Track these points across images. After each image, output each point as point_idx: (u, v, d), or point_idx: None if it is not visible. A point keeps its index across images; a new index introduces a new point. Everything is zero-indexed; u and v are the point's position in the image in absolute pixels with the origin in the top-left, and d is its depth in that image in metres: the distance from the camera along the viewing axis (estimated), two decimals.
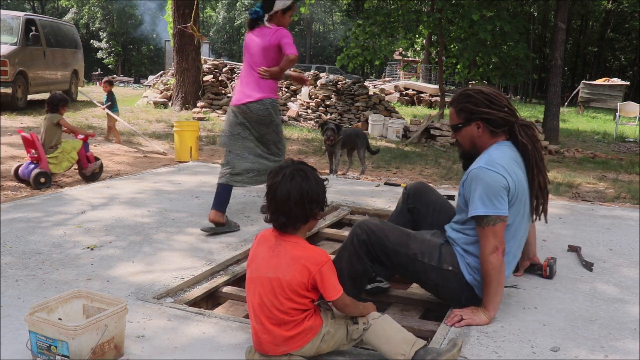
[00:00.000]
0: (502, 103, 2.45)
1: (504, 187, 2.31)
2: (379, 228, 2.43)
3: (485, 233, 2.29)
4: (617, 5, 33.04)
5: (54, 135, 5.64)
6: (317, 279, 1.91)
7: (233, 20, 46.13)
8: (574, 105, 23.55)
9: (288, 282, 1.91)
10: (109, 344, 1.97)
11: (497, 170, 2.31)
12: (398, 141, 11.25)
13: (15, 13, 12.77)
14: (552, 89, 12.09)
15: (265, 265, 1.96)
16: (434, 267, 2.41)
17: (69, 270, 2.86)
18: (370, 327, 2.03)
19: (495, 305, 2.38)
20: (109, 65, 41.46)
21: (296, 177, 1.93)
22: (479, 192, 2.30)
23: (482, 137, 2.46)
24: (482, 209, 2.29)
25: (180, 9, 12.94)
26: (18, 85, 11.22)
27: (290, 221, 1.95)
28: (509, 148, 2.44)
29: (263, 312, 1.95)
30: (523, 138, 2.43)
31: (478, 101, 2.43)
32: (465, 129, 2.47)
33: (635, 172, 8.69)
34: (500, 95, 2.48)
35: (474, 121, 2.44)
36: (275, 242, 1.99)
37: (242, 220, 3.93)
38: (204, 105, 13.04)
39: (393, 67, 29.16)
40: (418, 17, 12.92)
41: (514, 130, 2.45)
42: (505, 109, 2.44)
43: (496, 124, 2.43)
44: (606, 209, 4.84)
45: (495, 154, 2.39)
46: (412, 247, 2.42)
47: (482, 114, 2.42)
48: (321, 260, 1.93)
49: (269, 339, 1.96)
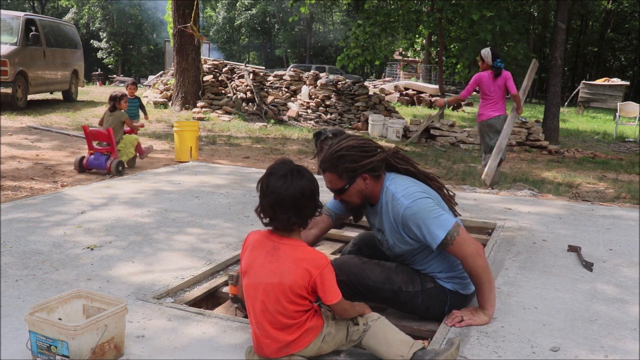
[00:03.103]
0: (372, 146, 2.41)
1: (432, 202, 2.33)
2: (359, 269, 2.45)
3: (456, 247, 2.28)
4: (617, 5, 33.04)
5: (119, 131, 6.47)
6: (317, 282, 1.89)
7: (233, 20, 46.13)
8: (574, 105, 23.54)
9: (290, 286, 1.89)
10: (109, 344, 1.97)
11: (418, 196, 2.32)
12: (398, 141, 11.25)
13: (15, 13, 12.76)
14: (552, 89, 12.09)
15: (266, 270, 1.93)
16: (418, 292, 2.43)
17: (69, 270, 2.86)
18: (368, 330, 2.04)
19: (492, 303, 2.40)
20: (109, 65, 41.46)
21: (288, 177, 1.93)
22: (427, 223, 2.28)
23: (370, 186, 2.40)
24: (441, 232, 2.26)
25: (180, 9, 12.94)
26: (18, 85, 11.21)
27: (287, 222, 1.92)
28: (398, 177, 2.44)
29: (266, 318, 1.93)
30: (401, 165, 2.47)
31: (355, 157, 2.34)
32: (352, 187, 2.37)
33: (635, 172, 8.69)
34: (366, 141, 2.44)
35: (358, 177, 2.36)
36: (273, 247, 1.95)
37: (242, 220, 3.93)
38: (204, 105, 13.04)
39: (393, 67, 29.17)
40: (418, 17, 12.93)
41: (391, 163, 2.46)
42: (378, 150, 2.41)
43: (378, 167, 2.40)
44: (606, 209, 4.84)
45: (399, 188, 2.37)
46: (395, 281, 2.44)
47: (365, 166, 2.34)
48: (322, 263, 1.91)
49: (272, 344, 1.95)
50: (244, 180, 5.40)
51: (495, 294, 2.42)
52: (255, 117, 13.02)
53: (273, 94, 14.06)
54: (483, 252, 2.32)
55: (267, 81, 14.38)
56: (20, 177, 5.89)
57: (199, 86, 13.39)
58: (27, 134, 8.79)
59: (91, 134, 6.29)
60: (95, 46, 41.19)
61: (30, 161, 6.79)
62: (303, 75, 14.33)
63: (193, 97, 13.22)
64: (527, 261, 3.24)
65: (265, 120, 12.76)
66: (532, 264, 3.19)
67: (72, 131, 9.30)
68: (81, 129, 9.38)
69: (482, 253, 2.31)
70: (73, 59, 14.42)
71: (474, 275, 2.32)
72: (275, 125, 12.35)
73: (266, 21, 47.16)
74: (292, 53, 47.62)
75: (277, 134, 10.88)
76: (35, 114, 11.13)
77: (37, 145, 7.94)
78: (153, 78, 18.78)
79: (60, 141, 8.40)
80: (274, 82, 14.35)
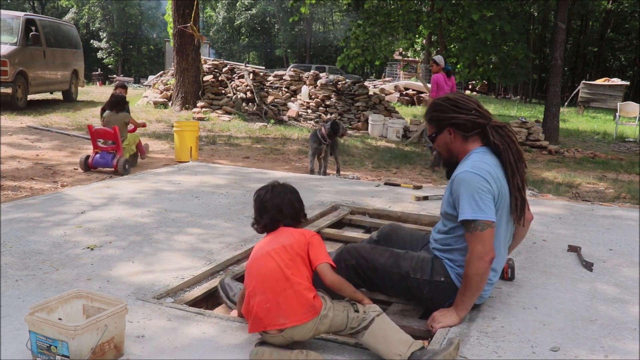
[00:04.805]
0: (470, 106, 2.46)
1: (489, 190, 2.31)
2: (368, 252, 2.52)
3: (472, 239, 2.29)
4: (617, 5, 33.04)
5: (124, 130, 6.64)
6: (310, 243, 2.14)
7: (233, 20, 46.13)
8: (574, 105, 23.55)
9: (290, 244, 2.13)
10: (109, 344, 1.97)
11: (482, 174, 2.32)
12: (398, 141, 11.25)
13: (15, 13, 12.76)
14: (552, 89, 12.09)
15: (266, 245, 2.18)
16: (426, 281, 2.44)
17: (69, 270, 2.86)
18: (369, 327, 2.05)
19: (467, 307, 2.38)
20: (109, 65, 41.46)
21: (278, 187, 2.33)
22: (466, 196, 2.30)
23: (456, 142, 2.48)
24: (469, 213, 2.28)
25: (180, 9, 12.94)
26: (18, 85, 11.22)
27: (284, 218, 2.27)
28: (489, 154, 2.44)
29: (271, 276, 2.06)
30: (495, 139, 2.44)
31: (445, 108, 2.48)
32: (439, 137, 2.52)
33: (635, 172, 8.69)
34: (468, 99, 2.50)
35: (445, 128, 2.49)
36: (272, 236, 2.24)
37: (242, 220, 3.93)
38: (204, 105, 13.04)
39: (393, 67, 29.19)
40: (418, 17, 12.93)
41: (487, 133, 2.45)
42: (473, 112, 2.45)
43: (466, 127, 2.44)
44: (606, 209, 4.84)
45: (477, 159, 2.39)
46: (403, 266, 2.47)
47: (451, 119, 2.45)
48: (312, 232, 2.24)
49: (273, 308, 2.01)
50: (244, 180, 5.40)
51: (473, 303, 2.40)
52: (255, 117, 13.02)
53: (273, 94, 14.06)
54: (490, 262, 2.30)
55: (267, 81, 14.38)
56: (20, 177, 5.89)
57: (199, 86, 13.39)
58: (27, 134, 8.79)
59: (97, 133, 6.38)
60: (95, 46, 41.21)
61: (30, 161, 6.79)
62: (303, 75, 14.34)
63: (193, 97, 13.22)
64: (527, 261, 3.24)
65: (265, 120, 12.76)
66: (532, 264, 3.19)
67: (72, 131, 9.31)
68: (81, 129, 9.41)
69: (489, 263, 2.29)
70: (73, 59, 14.42)
71: (467, 274, 2.31)
72: (275, 125, 12.36)
73: (266, 21, 47.17)
74: (292, 53, 47.63)
75: (277, 134, 10.88)
76: (35, 114, 11.13)
77: (37, 145, 7.94)
78: (153, 78, 18.78)
79: (60, 141, 8.41)
80: (274, 82, 14.35)
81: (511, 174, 2.43)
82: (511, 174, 2.43)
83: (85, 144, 8.17)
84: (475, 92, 31.23)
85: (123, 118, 6.63)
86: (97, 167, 6.33)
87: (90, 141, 6.56)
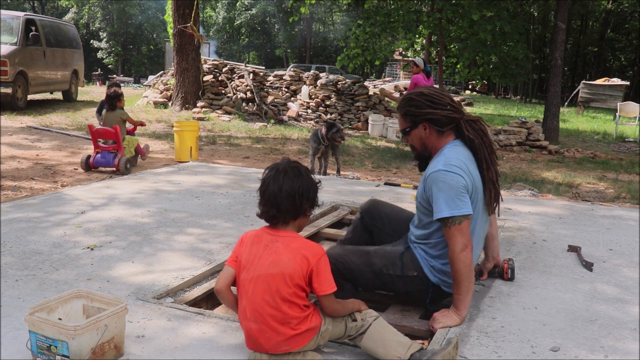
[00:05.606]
0: (444, 102, 2.47)
1: (464, 186, 2.33)
2: (340, 254, 2.54)
3: (452, 233, 2.31)
4: (617, 5, 33.02)
5: (122, 129, 6.55)
6: (314, 270, 1.93)
7: (233, 20, 46.12)
8: (574, 105, 23.53)
9: (290, 275, 1.91)
10: (109, 344, 1.97)
11: (455, 171, 2.33)
12: (398, 141, 11.25)
13: (15, 13, 12.75)
14: (552, 89, 12.09)
15: (266, 263, 1.95)
16: (399, 277, 2.48)
17: (69, 270, 2.86)
18: (366, 332, 2.04)
19: (466, 305, 2.38)
20: (109, 65, 41.45)
21: (289, 173, 2.00)
22: (442, 195, 2.31)
23: (431, 137, 2.49)
24: (447, 211, 2.29)
25: (180, 9, 12.94)
26: (18, 85, 11.21)
27: (281, 214, 1.98)
28: (461, 147, 2.46)
29: (268, 309, 1.92)
30: (469, 133, 2.46)
31: (420, 103, 2.47)
32: (413, 131, 2.52)
33: (635, 172, 8.69)
34: (442, 94, 2.50)
35: (419, 123, 2.49)
36: (270, 240, 1.99)
37: (242, 220, 3.93)
38: (204, 105, 13.04)
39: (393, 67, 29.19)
40: (418, 17, 12.91)
41: (460, 127, 2.47)
42: (448, 107, 2.46)
43: (441, 122, 2.45)
44: (606, 209, 4.84)
45: (450, 155, 2.40)
46: (375, 263, 2.50)
47: (426, 115, 2.46)
48: (319, 252, 1.97)
49: (273, 337, 1.94)
50: (244, 180, 5.40)
51: (471, 297, 2.40)
52: (255, 117, 13.01)
53: (273, 94, 14.06)
54: (472, 252, 2.33)
55: (267, 81, 14.38)
56: (20, 177, 5.89)
57: (199, 86, 13.39)
58: (27, 134, 8.79)
59: (97, 133, 6.37)
60: (95, 46, 41.20)
61: (30, 161, 6.79)
62: (303, 75, 14.33)
63: (193, 97, 13.22)
64: (527, 261, 3.24)
65: (265, 120, 12.76)
66: (532, 264, 3.19)
67: (72, 131, 9.31)
68: (81, 129, 9.41)
69: (471, 252, 2.32)
70: (73, 59, 14.42)
71: (456, 270, 2.31)
72: (275, 125, 12.36)
73: (266, 21, 47.15)
74: (292, 53, 47.61)
75: (277, 134, 10.88)
76: (35, 114, 11.13)
77: (37, 145, 7.94)
78: (153, 78, 18.77)
79: (60, 141, 8.40)
80: (274, 82, 14.35)
81: (486, 168, 2.47)
82: (486, 168, 2.47)
83: (85, 144, 8.18)
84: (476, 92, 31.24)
85: (120, 115, 6.58)
86: (99, 167, 6.32)
87: (91, 141, 6.55)
